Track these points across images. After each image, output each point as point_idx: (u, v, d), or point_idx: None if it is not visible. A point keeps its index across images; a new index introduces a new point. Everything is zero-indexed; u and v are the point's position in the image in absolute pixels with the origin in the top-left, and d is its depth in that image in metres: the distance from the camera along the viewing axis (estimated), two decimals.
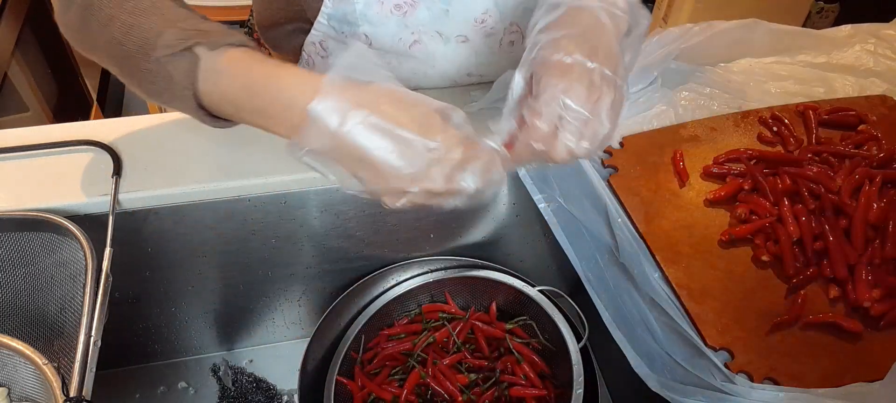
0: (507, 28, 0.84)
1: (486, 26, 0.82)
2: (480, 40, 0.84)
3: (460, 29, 0.82)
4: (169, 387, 0.98)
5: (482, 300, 0.93)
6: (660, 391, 0.67)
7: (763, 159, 0.85)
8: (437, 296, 0.93)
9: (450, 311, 0.92)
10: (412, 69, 0.86)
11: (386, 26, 0.81)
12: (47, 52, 1.74)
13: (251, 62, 0.58)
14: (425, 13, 0.80)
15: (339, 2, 0.79)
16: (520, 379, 0.86)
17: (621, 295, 0.76)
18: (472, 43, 0.84)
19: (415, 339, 0.89)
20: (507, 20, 0.83)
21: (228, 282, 0.92)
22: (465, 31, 0.83)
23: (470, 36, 0.83)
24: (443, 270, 0.89)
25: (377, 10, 0.79)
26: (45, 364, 0.62)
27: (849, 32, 1.06)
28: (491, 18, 0.81)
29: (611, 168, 0.84)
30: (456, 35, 0.83)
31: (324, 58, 0.87)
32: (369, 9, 0.79)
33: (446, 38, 0.83)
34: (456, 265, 0.90)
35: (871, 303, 0.69)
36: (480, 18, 0.81)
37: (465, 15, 0.81)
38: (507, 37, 0.85)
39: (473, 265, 0.91)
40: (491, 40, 0.84)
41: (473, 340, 0.90)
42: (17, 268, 0.72)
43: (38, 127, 0.82)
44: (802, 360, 0.67)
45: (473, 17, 0.81)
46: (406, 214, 0.89)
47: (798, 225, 0.76)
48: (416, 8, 0.79)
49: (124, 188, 0.76)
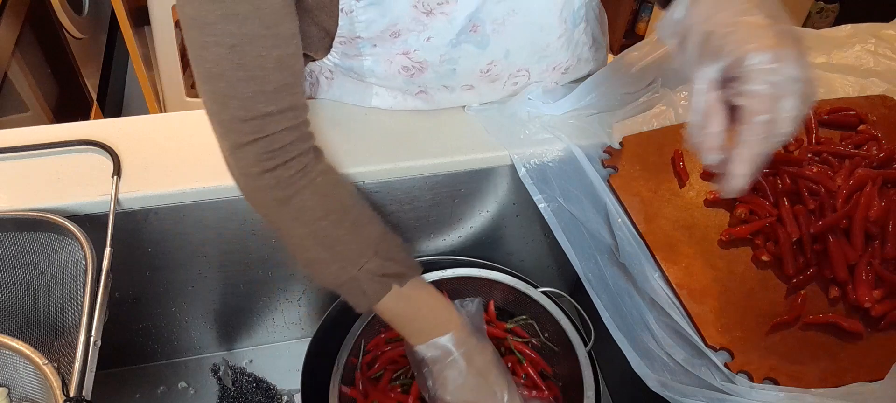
0: (513, 73, 0.84)
1: (491, 74, 0.82)
2: (485, 86, 0.85)
3: (466, 80, 0.83)
4: (169, 387, 0.98)
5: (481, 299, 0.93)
6: (660, 391, 0.67)
7: None
8: None
9: None
10: (415, 105, 0.87)
11: (393, 81, 0.82)
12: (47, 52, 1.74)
13: (419, 294, 0.74)
14: (432, 75, 0.80)
15: (347, 57, 0.79)
16: (520, 379, 0.86)
17: (621, 295, 0.76)
18: (476, 89, 0.85)
19: None
20: (515, 67, 0.83)
21: (228, 282, 0.92)
22: (470, 81, 0.83)
23: (475, 84, 0.84)
24: (441, 270, 0.89)
25: (385, 68, 0.79)
26: (45, 364, 0.62)
27: (849, 32, 1.06)
28: (497, 67, 0.81)
29: (611, 168, 0.84)
30: (462, 85, 0.84)
31: (329, 79, 0.87)
32: (377, 66, 0.79)
33: (452, 88, 0.84)
34: (453, 264, 0.90)
35: (872, 304, 0.69)
36: (486, 68, 0.81)
37: (472, 68, 0.80)
38: (512, 79, 0.85)
39: (472, 264, 0.91)
40: (495, 84, 0.85)
41: None
42: (17, 268, 0.72)
43: (38, 127, 0.82)
44: (802, 360, 0.66)
45: (479, 69, 0.81)
46: (406, 214, 0.89)
47: (798, 226, 0.76)
48: (423, 72, 0.79)
49: (124, 188, 0.76)
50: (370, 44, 0.75)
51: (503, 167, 0.86)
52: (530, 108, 0.87)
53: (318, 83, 0.89)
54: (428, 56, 0.77)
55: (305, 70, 0.88)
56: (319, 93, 0.90)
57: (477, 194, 0.89)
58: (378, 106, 0.86)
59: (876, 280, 0.71)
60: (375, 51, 0.76)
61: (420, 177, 0.84)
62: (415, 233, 0.93)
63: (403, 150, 0.84)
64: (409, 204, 0.88)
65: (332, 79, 0.86)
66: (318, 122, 0.86)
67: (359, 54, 0.77)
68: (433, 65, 0.78)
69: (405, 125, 0.86)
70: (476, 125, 0.87)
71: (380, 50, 0.76)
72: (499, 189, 0.89)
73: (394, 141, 0.84)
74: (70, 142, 0.80)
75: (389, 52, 0.76)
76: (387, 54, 0.77)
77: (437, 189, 0.86)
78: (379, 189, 0.84)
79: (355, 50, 0.76)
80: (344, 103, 0.88)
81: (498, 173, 0.87)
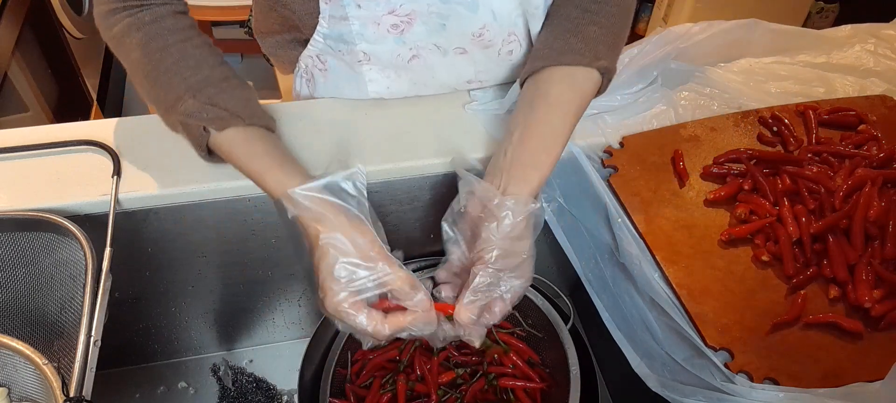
0: (505, 39, 0.84)
1: (484, 39, 0.82)
2: (479, 51, 0.84)
3: (458, 42, 0.83)
4: (169, 387, 0.98)
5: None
6: (660, 391, 0.67)
7: (763, 159, 0.85)
8: None
9: None
10: (411, 80, 0.86)
11: (383, 44, 0.81)
12: (47, 52, 1.74)
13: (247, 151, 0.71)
14: (422, 29, 0.80)
15: (335, 22, 0.79)
16: (508, 369, 0.86)
17: (621, 295, 0.76)
18: (470, 54, 0.84)
19: (400, 345, 0.89)
20: (505, 31, 0.83)
21: (228, 282, 0.92)
22: (463, 44, 0.83)
23: (468, 48, 0.84)
24: (419, 271, 0.89)
25: (373, 29, 0.79)
26: (45, 364, 0.62)
27: (849, 32, 1.06)
28: (489, 31, 0.81)
29: (611, 168, 0.84)
30: (454, 47, 0.83)
31: (322, 70, 0.87)
32: (366, 29, 0.79)
33: (444, 50, 0.83)
34: (427, 265, 0.90)
35: (872, 304, 0.69)
36: (478, 32, 0.81)
37: (463, 29, 0.81)
38: (505, 46, 0.85)
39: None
40: (489, 51, 0.84)
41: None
42: (17, 268, 0.72)
43: (38, 127, 0.82)
44: (802, 360, 0.66)
45: (471, 32, 0.81)
46: (405, 214, 0.89)
47: (798, 226, 0.76)
48: (412, 25, 0.79)
49: (124, 188, 0.76)
50: (354, 3, 0.76)
51: None
52: None
53: (313, 79, 0.89)
54: (415, 6, 0.77)
55: (300, 66, 0.88)
56: (316, 89, 0.90)
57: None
58: (375, 93, 0.86)
59: (876, 280, 0.71)
60: (361, 13, 0.77)
61: (420, 177, 0.84)
62: (415, 233, 0.93)
63: (403, 150, 0.84)
64: (409, 204, 0.88)
65: (325, 71, 0.87)
66: (318, 122, 0.86)
67: (345, 17, 0.77)
68: (422, 15, 0.78)
69: (405, 125, 0.86)
70: (476, 125, 0.87)
71: (365, 11, 0.77)
72: None
73: (394, 141, 0.84)
74: (70, 142, 0.80)
75: (375, 13, 0.77)
76: (373, 15, 0.77)
77: (437, 189, 0.86)
78: (379, 189, 0.84)
79: (341, 9, 0.77)
80: (343, 103, 0.88)
81: None
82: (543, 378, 0.86)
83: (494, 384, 0.86)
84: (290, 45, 0.87)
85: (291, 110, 0.87)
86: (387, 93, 0.87)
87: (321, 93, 0.90)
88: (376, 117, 0.87)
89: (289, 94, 0.98)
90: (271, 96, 2.00)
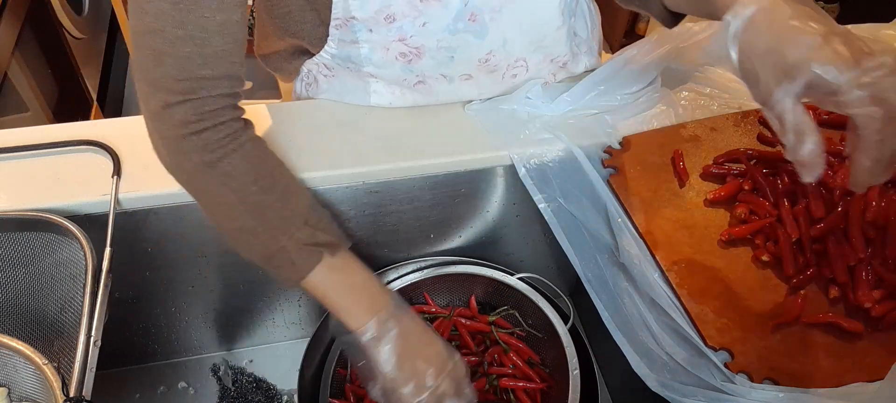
0: (511, 64, 0.84)
1: (490, 64, 0.82)
2: (484, 76, 0.85)
3: (464, 69, 0.83)
4: (169, 387, 0.98)
5: (462, 295, 0.93)
6: (660, 391, 0.67)
7: (763, 159, 0.85)
8: (416, 298, 0.92)
9: (430, 312, 0.92)
10: (414, 100, 0.87)
11: (390, 69, 0.81)
12: (47, 52, 1.74)
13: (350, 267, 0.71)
14: (430, 62, 0.80)
15: (344, 44, 0.79)
16: (508, 369, 0.86)
17: (621, 295, 0.76)
18: (475, 79, 0.85)
19: None
20: (513, 57, 0.83)
21: (228, 282, 0.92)
22: (469, 71, 0.83)
23: (474, 74, 0.84)
24: (418, 271, 0.89)
25: (382, 54, 0.79)
26: (45, 364, 0.62)
27: None
28: (495, 57, 0.81)
29: (611, 168, 0.84)
30: (460, 74, 0.83)
31: (328, 77, 0.87)
32: (374, 54, 0.79)
33: (450, 78, 0.84)
34: (431, 264, 0.90)
35: (872, 304, 0.69)
36: (485, 58, 0.81)
37: (470, 57, 0.80)
38: (510, 70, 0.85)
39: (447, 262, 0.91)
40: (494, 75, 0.85)
41: (459, 337, 0.90)
42: (17, 268, 0.72)
43: (38, 127, 0.82)
44: (802, 360, 0.67)
45: (478, 58, 0.81)
46: (406, 214, 0.89)
47: (797, 226, 0.76)
48: (421, 58, 0.79)
49: (124, 188, 0.76)
50: (366, 28, 0.75)
51: (503, 167, 0.86)
52: (530, 108, 0.87)
53: (316, 82, 0.89)
54: (425, 41, 0.77)
55: (303, 70, 0.88)
56: (318, 92, 0.90)
57: (477, 194, 0.89)
58: (377, 103, 0.86)
59: (876, 280, 0.71)
60: (372, 37, 0.76)
61: (420, 177, 0.84)
62: (415, 233, 0.93)
63: (403, 150, 0.84)
64: (409, 204, 0.88)
65: (330, 77, 0.86)
66: (319, 122, 0.86)
67: (355, 41, 0.77)
68: (430, 50, 0.78)
69: (405, 125, 0.86)
70: (476, 125, 0.87)
71: (376, 36, 0.76)
72: (499, 189, 0.89)
73: (394, 141, 0.84)
74: (70, 142, 0.80)
75: (385, 39, 0.76)
76: (383, 41, 0.77)
77: (437, 189, 0.86)
78: (379, 189, 0.84)
79: (351, 34, 0.76)
80: (344, 103, 0.88)
81: (498, 173, 0.87)
82: (543, 378, 0.86)
83: (495, 384, 0.86)
84: (293, 56, 0.87)
85: (291, 110, 0.87)
86: (389, 105, 0.87)
87: (323, 96, 0.90)
88: (376, 118, 0.87)
89: (289, 95, 0.98)
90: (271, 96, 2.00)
